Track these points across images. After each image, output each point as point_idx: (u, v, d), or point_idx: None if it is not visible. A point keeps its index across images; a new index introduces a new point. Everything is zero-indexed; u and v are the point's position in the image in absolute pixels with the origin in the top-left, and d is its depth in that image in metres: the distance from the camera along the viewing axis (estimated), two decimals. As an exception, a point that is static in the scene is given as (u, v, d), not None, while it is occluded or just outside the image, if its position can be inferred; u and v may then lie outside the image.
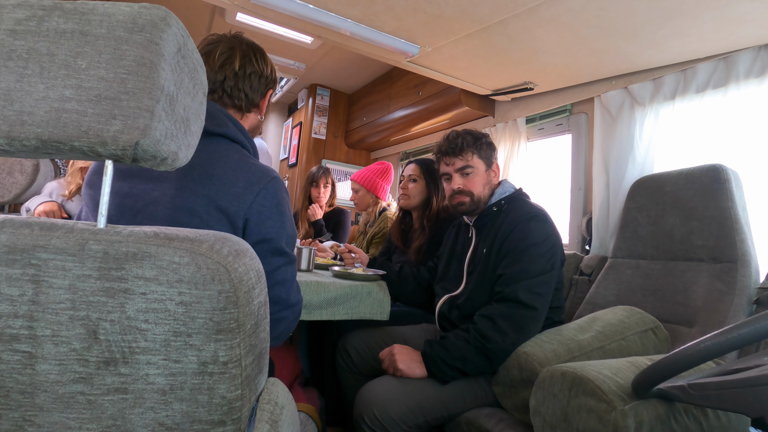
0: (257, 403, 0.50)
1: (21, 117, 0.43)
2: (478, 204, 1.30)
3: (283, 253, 0.82)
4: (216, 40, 0.91)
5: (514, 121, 2.23)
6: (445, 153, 1.33)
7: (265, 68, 0.94)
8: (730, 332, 0.52)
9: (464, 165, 1.29)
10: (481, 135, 1.33)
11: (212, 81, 0.88)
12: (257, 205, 0.77)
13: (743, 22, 1.21)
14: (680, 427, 0.73)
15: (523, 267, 1.10)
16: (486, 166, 1.32)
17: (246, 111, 0.94)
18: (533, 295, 1.07)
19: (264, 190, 0.79)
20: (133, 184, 0.76)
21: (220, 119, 0.82)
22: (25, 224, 0.44)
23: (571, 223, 1.95)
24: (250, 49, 0.92)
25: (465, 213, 1.33)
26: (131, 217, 0.74)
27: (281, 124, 4.53)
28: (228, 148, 0.81)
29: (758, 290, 1.12)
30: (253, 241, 0.78)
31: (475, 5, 1.33)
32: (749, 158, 1.35)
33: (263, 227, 0.78)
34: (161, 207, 0.73)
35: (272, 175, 0.81)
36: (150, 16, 0.45)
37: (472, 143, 1.29)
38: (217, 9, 2.53)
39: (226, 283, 0.44)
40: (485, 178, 1.31)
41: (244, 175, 0.78)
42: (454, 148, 1.29)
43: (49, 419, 0.43)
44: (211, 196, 0.74)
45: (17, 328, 0.42)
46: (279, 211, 0.81)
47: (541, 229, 1.16)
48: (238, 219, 0.76)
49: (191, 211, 0.73)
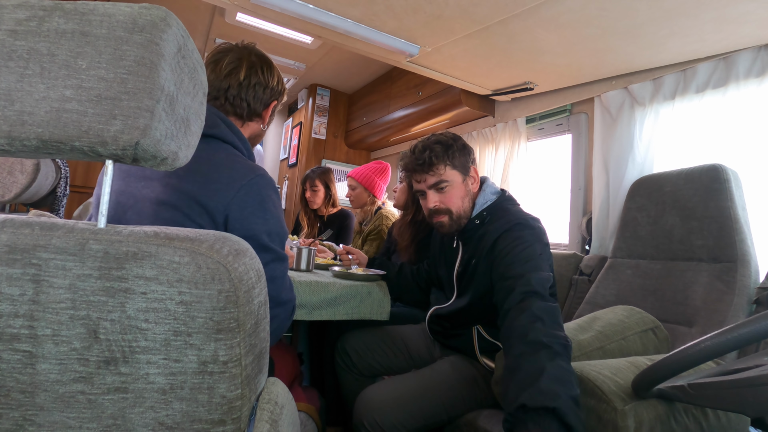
0: (257, 403, 0.50)
1: (21, 117, 0.43)
2: (459, 220, 1.17)
3: (269, 249, 0.81)
4: (226, 49, 0.93)
5: (514, 121, 2.23)
6: (413, 170, 1.18)
7: (271, 80, 0.95)
8: (730, 332, 0.52)
9: (437, 180, 1.14)
10: (452, 141, 1.17)
11: (217, 88, 0.90)
12: (238, 200, 0.77)
13: (743, 22, 1.21)
14: (680, 427, 0.73)
15: (517, 272, 0.96)
16: (462, 175, 1.17)
17: (247, 119, 0.95)
18: (545, 288, 0.93)
19: (246, 187, 0.78)
20: (128, 183, 0.78)
21: (212, 121, 0.83)
22: (26, 224, 0.44)
23: (571, 223, 1.95)
24: (257, 60, 0.94)
25: (448, 233, 1.19)
26: (122, 214, 0.76)
27: (281, 124, 4.53)
28: (217, 148, 0.82)
29: (758, 290, 1.12)
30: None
31: (475, 5, 1.33)
32: (749, 158, 1.35)
33: (246, 223, 0.78)
34: (147, 203, 0.75)
35: (257, 173, 0.81)
36: (150, 17, 0.45)
37: (443, 154, 1.13)
38: (217, 9, 2.53)
39: (226, 283, 0.44)
40: (463, 190, 1.17)
41: (227, 172, 0.78)
42: (422, 164, 1.14)
43: (50, 418, 0.43)
44: (192, 192, 0.75)
45: (18, 327, 0.42)
46: (263, 208, 0.80)
47: (525, 236, 1.03)
48: (218, 214, 0.76)
49: (173, 206, 0.74)
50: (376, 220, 2.16)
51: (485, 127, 2.44)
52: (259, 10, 1.52)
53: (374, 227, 2.14)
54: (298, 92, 3.95)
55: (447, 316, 1.23)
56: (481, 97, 2.33)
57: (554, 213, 2.11)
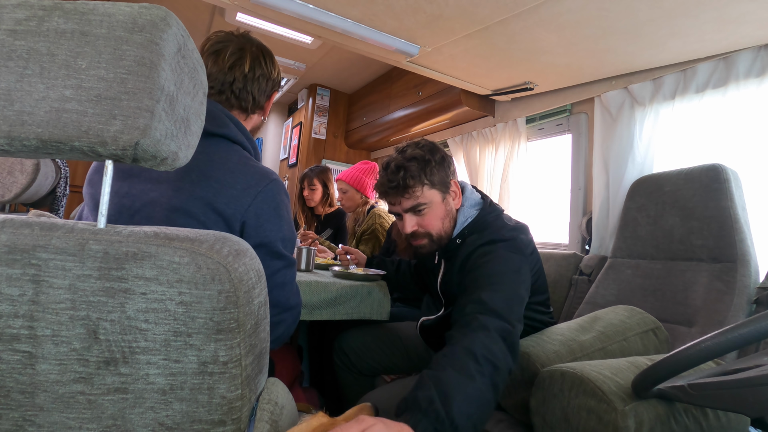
0: (257, 403, 0.50)
1: (21, 117, 0.43)
2: (440, 241, 1.06)
3: (282, 257, 0.82)
4: (225, 38, 0.90)
5: (514, 121, 2.23)
6: (385, 194, 1.05)
7: (272, 71, 0.94)
8: (730, 332, 0.52)
9: (414, 204, 1.02)
10: (429, 155, 1.03)
11: (221, 82, 0.87)
12: (255, 207, 0.76)
13: (743, 22, 1.21)
14: (680, 427, 0.73)
15: (475, 292, 0.87)
16: (442, 194, 1.05)
17: (251, 113, 0.94)
18: (506, 307, 0.85)
19: (262, 193, 0.78)
20: (132, 184, 0.75)
21: (221, 120, 0.82)
22: (26, 224, 0.44)
23: (571, 223, 1.95)
24: (259, 51, 0.92)
25: (428, 255, 1.10)
26: (128, 217, 0.73)
27: (281, 124, 4.53)
28: (228, 149, 0.80)
29: (758, 290, 1.12)
30: (252, 244, 0.77)
31: (475, 5, 1.33)
32: (749, 158, 1.35)
33: (261, 230, 0.77)
34: (158, 208, 0.73)
35: (271, 178, 0.80)
36: (150, 16, 0.45)
37: (419, 173, 1.00)
38: (217, 9, 2.53)
39: (226, 283, 0.44)
40: (443, 210, 1.05)
41: (242, 178, 0.77)
42: (397, 188, 1.01)
43: (49, 419, 0.43)
44: (207, 198, 0.73)
45: (17, 327, 0.42)
46: (277, 215, 0.80)
47: (494, 254, 0.95)
48: (235, 222, 0.75)
49: (188, 212, 0.72)
50: (369, 220, 2.16)
51: (485, 127, 2.44)
52: (259, 10, 1.52)
53: (368, 227, 2.14)
54: (298, 92, 3.95)
55: (434, 327, 1.19)
56: (481, 97, 2.33)
57: (554, 213, 2.11)
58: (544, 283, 1.16)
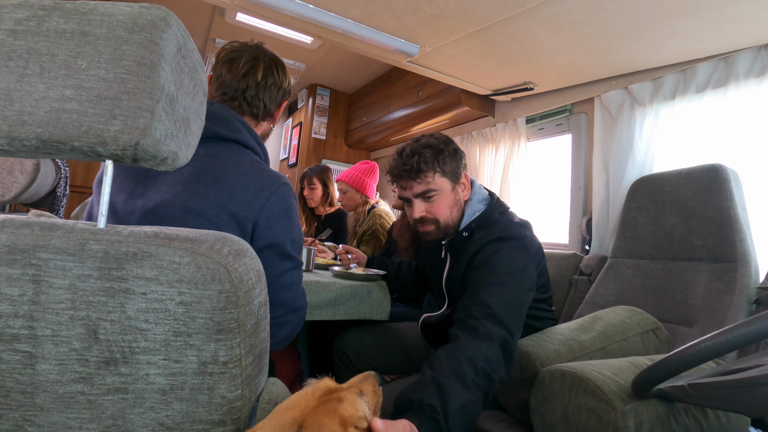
0: (257, 403, 0.50)
1: (21, 117, 0.43)
2: (447, 230, 1.10)
3: (291, 258, 0.84)
4: (240, 48, 0.93)
5: (514, 121, 2.23)
6: (398, 176, 1.08)
7: (284, 80, 0.97)
8: (730, 332, 0.52)
9: (425, 189, 1.06)
10: (443, 145, 1.07)
11: (234, 89, 0.90)
12: (267, 209, 0.79)
13: (743, 22, 1.21)
14: (680, 427, 0.73)
15: (480, 290, 0.91)
16: (452, 183, 1.08)
17: (261, 119, 0.96)
18: (507, 311, 0.89)
19: (274, 196, 0.80)
20: (148, 185, 0.77)
21: (234, 125, 0.84)
22: (26, 224, 0.44)
23: (571, 223, 1.95)
24: (272, 61, 0.95)
25: (434, 241, 1.14)
26: (141, 216, 0.75)
27: (281, 124, 4.53)
28: (241, 154, 0.83)
29: (758, 290, 1.12)
30: (262, 245, 0.79)
31: (475, 5, 1.33)
32: (749, 158, 1.35)
33: (271, 231, 0.80)
34: (172, 208, 0.74)
35: (282, 181, 0.83)
36: (150, 16, 0.45)
37: (432, 160, 1.04)
38: (217, 9, 2.53)
39: (227, 283, 0.44)
40: (452, 199, 1.08)
41: (255, 181, 0.79)
42: (410, 171, 1.05)
43: (49, 419, 0.43)
44: (222, 201, 0.76)
45: (17, 328, 0.42)
46: (287, 216, 0.83)
47: (502, 251, 0.98)
48: (248, 223, 0.78)
49: (202, 214, 0.74)
50: (370, 220, 2.16)
51: (485, 127, 2.44)
52: (259, 10, 1.52)
53: (369, 227, 2.14)
54: (298, 92, 3.95)
55: (436, 325, 1.20)
56: (481, 97, 2.32)
57: (554, 213, 2.11)
58: (548, 281, 1.17)
